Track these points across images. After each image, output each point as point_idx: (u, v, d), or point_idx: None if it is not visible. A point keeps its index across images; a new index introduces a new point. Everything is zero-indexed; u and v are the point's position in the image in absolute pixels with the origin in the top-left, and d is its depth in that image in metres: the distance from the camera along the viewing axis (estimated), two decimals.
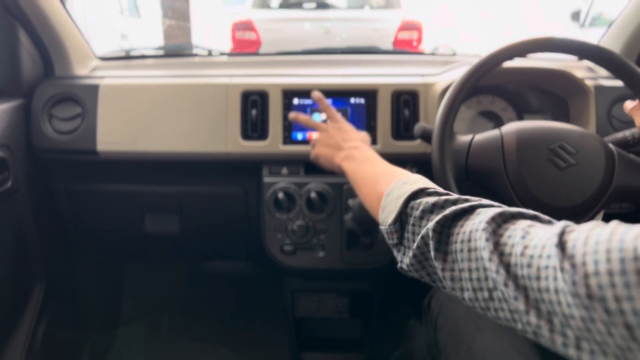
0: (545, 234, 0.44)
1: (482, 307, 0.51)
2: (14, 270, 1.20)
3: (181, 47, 2.13)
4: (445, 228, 0.56)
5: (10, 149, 1.12)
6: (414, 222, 0.61)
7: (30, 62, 1.21)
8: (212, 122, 1.16)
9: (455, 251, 0.54)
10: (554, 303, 0.41)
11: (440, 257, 0.55)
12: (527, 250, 0.45)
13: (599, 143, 0.87)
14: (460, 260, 0.53)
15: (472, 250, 0.51)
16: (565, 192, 0.85)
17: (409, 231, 0.62)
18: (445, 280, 0.56)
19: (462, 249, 0.52)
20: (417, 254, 0.60)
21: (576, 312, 0.38)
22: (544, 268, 0.42)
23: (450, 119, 0.89)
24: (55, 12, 1.20)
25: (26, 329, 1.24)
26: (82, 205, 1.32)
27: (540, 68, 1.17)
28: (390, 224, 0.65)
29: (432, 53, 1.53)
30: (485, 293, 0.50)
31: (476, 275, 0.50)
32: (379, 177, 0.77)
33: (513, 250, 0.46)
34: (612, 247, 0.37)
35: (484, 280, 0.50)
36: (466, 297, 0.53)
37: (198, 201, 1.30)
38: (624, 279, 0.35)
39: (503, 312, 0.48)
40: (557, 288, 0.40)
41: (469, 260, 0.51)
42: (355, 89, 1.17)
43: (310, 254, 1.19)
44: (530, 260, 0.44)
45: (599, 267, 0.37)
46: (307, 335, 1.43)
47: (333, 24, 4.45)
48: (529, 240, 0.46)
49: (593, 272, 0.37)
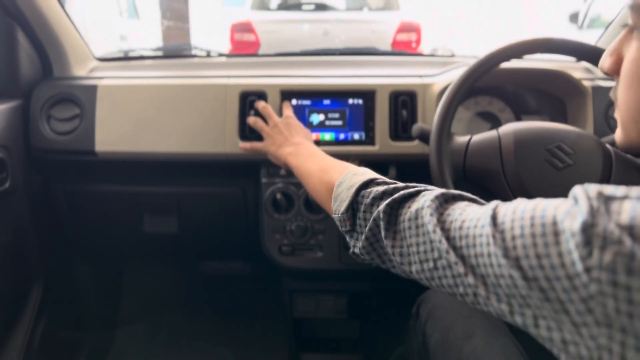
0: (480, 210, 0.51)
1: (428, 278, 0.57)
2: (12, 271, 1.20)
3: (180, 48, 2.13)
4: (394, 210, 0.62)
5: (9, 150, 1.12)
6: (365, 209, 0.66)
7: (29, 62, 1.21)
8: (210, 123, 1.16)
9: (404, 229, 0.59)
10: (487, 266, 0.47)
11: (390, 236, 0.61)
12: (464, 223, 0.51)
13: (596, 143, 0.88)
14: (409, 236, 0.58)
15: (419, 227, 0.57)
16: (562, 192, 0.85)
17: (361, 217, 0.67)
18: (395, 257, 0.61)
19: (409, 227, 0.58)
20: (369, 236, 0.65)
21: (505, 271, 0.44)
22: (478, 236, 0.48)
23: (448, 119, 0.89)
24: (54, 12, 1.20)
25: (24, 330, 1.24)
26: (80, 205, 1.32)
27: (538, 69, 1.17)
28: (343, 212, 0.69)
29: (430, 54, 1.53)
30: (430, 263, 0.55)
31: (423, 248, 0.56)
32: (327, 170, 0.82)
33: (452, 225, 0.53)
34: (535, 214, 0.43)
35: (430, 252, 0.55)
36: (413, 269, 0.58)
37: (196, 202, 1.30)
38: (544, 240, 0.41)
39: (446, 278, 0.53)
40: (489, 252, 0.46)
41: (416, 235, 0.57)
42: (353, 90, 1.18)
43: (309, 254, 1.19)
44: (467, 231, 0.50)
45: (524, 230, 0.43)
46: (306, 335, 1.43)
47: (332, 25, 4.46)
48: (466, 216, 0.52)
49: (519, 235, 0.43)
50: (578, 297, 0.38)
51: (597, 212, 0.38)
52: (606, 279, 0.36)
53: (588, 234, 0.37)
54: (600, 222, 0.37)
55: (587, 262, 0.37)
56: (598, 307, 0.37)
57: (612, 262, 0.36)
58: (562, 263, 0.39)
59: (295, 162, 0.93)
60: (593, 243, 0.37)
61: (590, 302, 0.38)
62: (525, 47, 0.89)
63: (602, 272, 0.37)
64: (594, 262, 0.37)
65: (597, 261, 0.37)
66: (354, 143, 1.17)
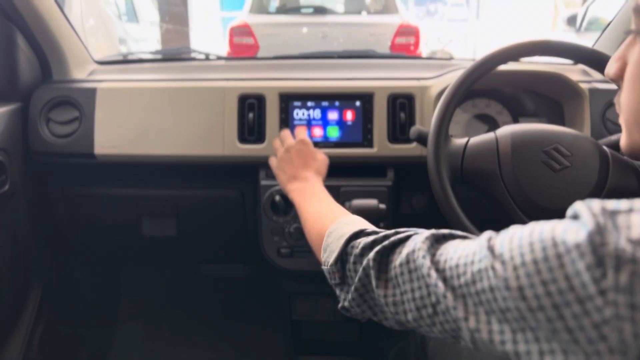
0: (473, 245, 0.49)
1: (428, 324, 0.54)
2: (11, 273, 1.20)
3: (179, 51, 2.13)
4: (384, 257, 0.60)
5: (8, 153, 1.12)
6: (354, 260, 0.64)
7: (28, 65, 1.22)
8: (209, 125, 1.16)
9: (396, 276, 0.57)
10: (490, 301, 0.44)
11: (382, 285, 0.59)
12: (460, 260, 0.49)
13: (593, 145, 0.88)
14: (402, 283, 0.56)
15: (412, 271, 0.55)
16: (559, 194, 0.86)
17: (351, 269, 0.64)
18: (388, 307, 0.59)
19: (402, 272, 0.56)
20: (358, 287, 0.63)
21: (511, 303, 0.42)
22: (477, 272, 0.46)
23: (445, 122, 0.89)
24: (53, 16, 1.20)
25: (23, 332, 1.24)
26: (79, 208, 1.32)
27: (535, 71, 1.18)
28: (332, 264, 0.67)
29: (428, 57, 1.54)
30: (429, 309, 0.53)
31: (419, 293, 0.54)
32: (321, 216, 0.81)
33: (447, 265, 0.51)
34: (533, 239, 0.41)
35: (426, 297, 0.53)
36: (410, 318, 0.56)
37: (195, 204, 1.30)
38: (547, 264, 0.39)
39: (448, 323, 0.51)
40: (491, 286, 0.44)
41: (410, 281, 0.55)
42: (351, 93, 1.18)
43: (307, 256, 1.19)
44: (465, 268, 0.48)
45: (525, 258, 0.40)
46: (304, 338, 1.43)
47: (330, 28, 4.46)
48: (460, 253, 0.50)
49: (520, 264, 0.41)
50: (590, 323, 0.36)
51: (605, 229, 0.36)
52: (623, 301, 0.34)
53: (599, 253, 0.36)
54: (610, 239, 0.35)
55: (601, 284, 0.35)
56: (613, 332, 0.35)
57: (630, 283, 0.34)
58: (570, 286, 0.37)
59: (298, 200, 0.93)
60: (606, 263, 0.35)
61: (604, 327, 0.35)
62: (523, 50, 0.89)
63: (618, 294, 0.35)
64: (608, 284, 0.35)
65: (613, 283, 0.35)
66: (352, 145, 1.17)
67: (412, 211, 1.26)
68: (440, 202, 0.87)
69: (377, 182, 1.17)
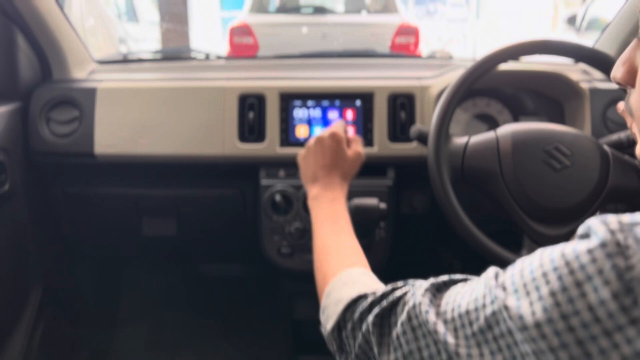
0: (481, 286, 0.45)
1: None
2: (12, 272, 1.20)
3: (179, 51, 2.13)
4: (385, 318, 0.55)
5: (8, 152, 1.12)
6: (352, 326, 0.60)
7: (28, 65, 1.22)
8: (209, 125, 1.16)
9: (398, 336, 0.52)
10: (511, 346, 0.40)
11: (385, 350, 0.54)
12: (469, 306, 0.44)
13: (594, 145, 0.88)
14: (406, 343, 0.51)
15: (416, 328, 0.50)
16: (560, 193, 0.86)
17: (348, 336, 0.61)
18: None
19: (404, 332, 0.51)
20: (359, 354, 0.58)
21: (528, 347, 0.38)
22: (491, 316, 0.41)
23: (446, 121, 0.90)
24: (53, 15, 1.20)
25: (24, 332, 1.24)
26: (80, 208, 1.32)
27: (536, 71, 1.18)
28: (329, 332, 0.64)
29: (428, 57, 1.54)
30: None
31: (427, 352, 0.49)
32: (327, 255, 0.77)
33: (454, 314, 0.46)
34: (546, 269, 0.37)
35: (436, 355, 0.48)
36: None
37: (195, 204, 1.30)
38: (567, 295, 0.35)
39: None
40: (509, 329, 0.39)
41: (415, 339, 0.50)
42: (352, 92, 1.18)
43: (308, 256, 1.19)
44: (477, 314, 0.43)
45: (542, 291, 0.37)
46: (304, 337, 1.43)
47: (330, 28, 4.47)
48: (468, 298, 0.45)
49: (537, 298, 0.37)
50: (620, 357, 0.33)
51: (628, 248, 0.33)
52: None
53: (626, 279, 0.32)
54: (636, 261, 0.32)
55: (632, 312, 0.32)
56: None
57: None
58: (595, 318, 0.34)
59: (313, 213, 0.87)
60: (635, 289, 0.32)
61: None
62: (523, 49, 0.89)
63: None
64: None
65: None
66: None
67: (413, 210, 1.26)
68: (441, 202, 0.87)
69: (378, 182, 1.17)
